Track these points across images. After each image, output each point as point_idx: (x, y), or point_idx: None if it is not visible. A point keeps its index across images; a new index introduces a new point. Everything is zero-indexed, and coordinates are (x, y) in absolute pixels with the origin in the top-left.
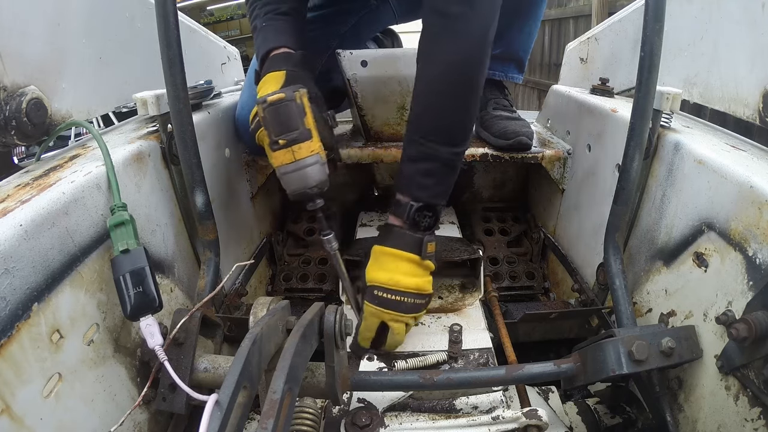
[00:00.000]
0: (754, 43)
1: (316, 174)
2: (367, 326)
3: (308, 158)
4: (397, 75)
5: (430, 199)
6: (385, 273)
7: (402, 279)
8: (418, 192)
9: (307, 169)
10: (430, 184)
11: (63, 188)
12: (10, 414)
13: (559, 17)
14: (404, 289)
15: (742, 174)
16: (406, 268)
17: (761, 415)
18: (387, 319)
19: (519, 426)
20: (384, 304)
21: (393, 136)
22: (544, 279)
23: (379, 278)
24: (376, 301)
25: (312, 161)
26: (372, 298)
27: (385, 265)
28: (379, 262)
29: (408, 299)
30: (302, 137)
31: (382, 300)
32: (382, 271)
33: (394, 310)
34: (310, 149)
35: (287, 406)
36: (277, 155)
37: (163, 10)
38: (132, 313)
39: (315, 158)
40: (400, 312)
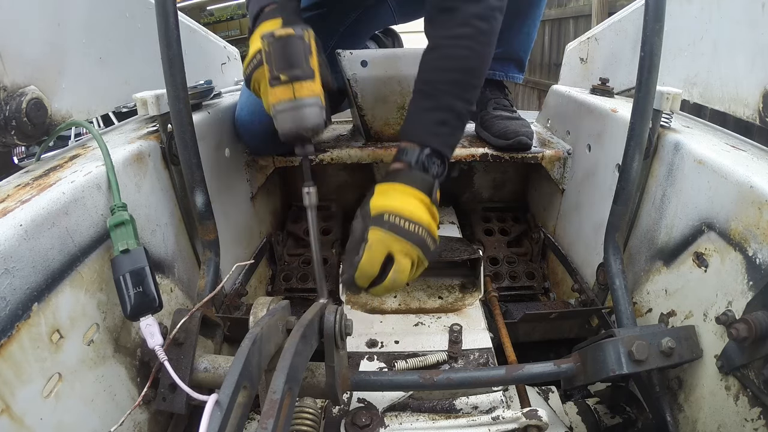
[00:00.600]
0: (754, 43)
1: (313, 116)
2: (371, 258)
3: (308, 98)
4: (397, 75)
5: (442, 147)
6: (396, 200)
7: (416, 210)
8: (430, 138)
9: (306, 109)
10: (444, 133)
11: (63, 188)
12: (10, 414)
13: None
14: (417, 219)
15: (742, 174)
16: (417, 203)
17: (761, 415)
18: (396, 249)
19: (519, 426)
20: (396, 230)
21: (393, 136)
22: (544, 279)
23: (391, 204)
24: (387, 225)
25: (311, 102)
26: (381, 223)
27: (395, 196)
28: (385, 194)
29: (421, 231)
30: (305, 75)
31: (393, 225)
32: (391, 199)
33: (405, 237)
34: (312, 90)
35: (287, 406)
36: (276, 91)
37: (163, 10)
38: (132, 313)
39: (315, 100)
40: (412, 242)
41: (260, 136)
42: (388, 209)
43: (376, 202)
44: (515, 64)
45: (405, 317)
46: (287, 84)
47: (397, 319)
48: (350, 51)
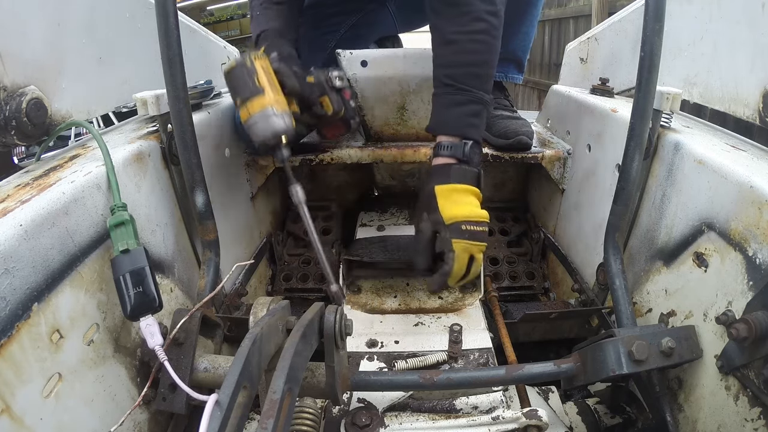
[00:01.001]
0: (754, 43)
1: (269, 126)
2: (461, 266)
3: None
4: (397, 75)
5: (479, 137)
6: (464, 207)
7: (478, 210)
8: (470, 131)
9: (260, 124)
10: (478, 123)
11: (63, 188)
12: (10, 414)
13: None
14: (483, 219)
15: (742, 174)
16: (476, 201)
17: (761, 415)
18: (475, 251)
19: (519, 426)
20: (474, 237)
21: (393, 136)
22: (544, 279)
23: (462, 213)
24: (467, 234)
25: (262, 115)
26: (461, 234)
27: (460, 200)
28: (452, 199)
29: (486, 228)
30: (252, 94)
31: (472, 233)
32: (460, 206)
33: (481, 240)
34: (262, 104)
35: (287, 406)
36: (240, 114)
37: (163, 10)
38: (132, 313)
39: (266, 111)
40: (484, 242)
41: None
42: (462, 218)
43: (449, 212)
44: (515, 65)
45: (405, 317)
46: (243, 106)
47: (397, 319)
48: (350, 51)
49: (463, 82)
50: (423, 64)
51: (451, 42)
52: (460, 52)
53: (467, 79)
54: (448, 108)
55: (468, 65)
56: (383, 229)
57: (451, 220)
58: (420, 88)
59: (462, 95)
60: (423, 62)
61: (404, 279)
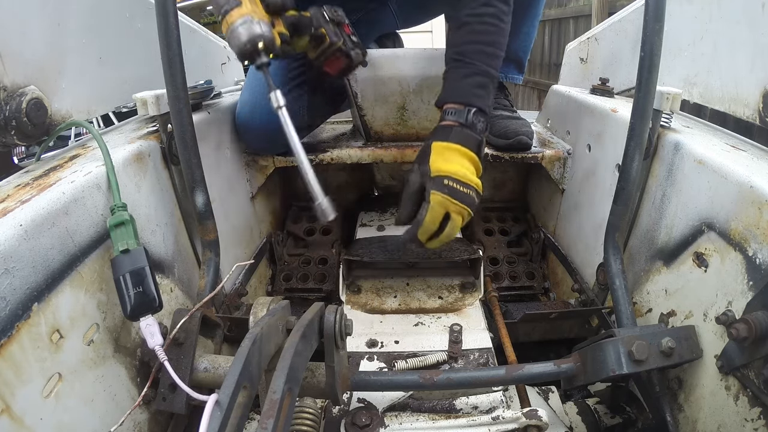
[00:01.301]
0: (754, 43)
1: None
2: (433, 217)
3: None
4: (397, 75)
5: (484, 106)
6: (454, 165)
7: (467, 173)
8: (474, 99)
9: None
10: (484, 94)
11: (63, 188)
12: (10, 414)
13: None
14: (469, 182)
15: (742, 174)
16: (469, 164)
17: (761, 415)
18: (453, 210)
19: (519, 426)
20: (454, 194)
21: (393, 136)
22: (544, 279)
23: (449, 169)
24: (446, 190)
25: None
26: (441, 188)
27: (451, 158)
28: (444, 156)
29: (472, 192)
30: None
31: (452, 190)
32: (450, 163)
33: (461, 201)
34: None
35: (287, 406)
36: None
37: (163, 10)
38: (132, 313)
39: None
40: (465, 204)
41: (261, 134)
42: (446, 173)
43: (436, 165)
44: (515, 65)
45: (405, 317)
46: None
47: (397, 319)
48: None
49: (470, 57)
50: (423, 64)
51: (463, 24)
52: (470, 32)
53: (474, 55)
54: (453, 81)
55: (476, 43)
56: (383, 229)
57: (436, 173)
58: (420, 88)
59: (468, 68)
60: (423, 62)
61: (404, 279)
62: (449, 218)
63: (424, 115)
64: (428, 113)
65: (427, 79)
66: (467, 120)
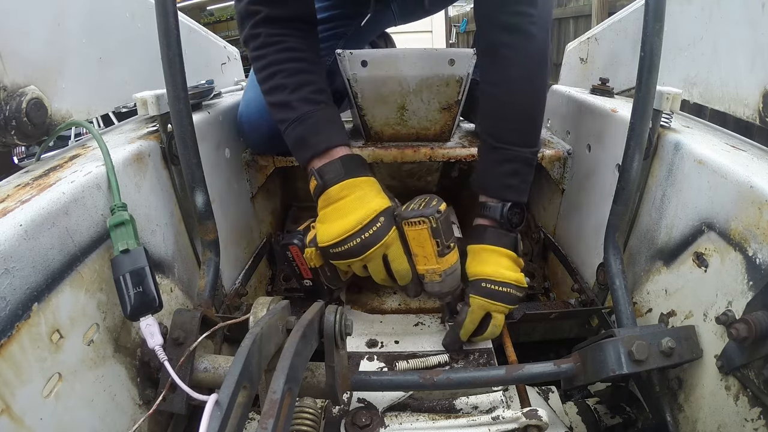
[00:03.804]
0: (754, 43)
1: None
2: (472, 319)
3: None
4: (397, 75)
5: (518, 197)
6: (490, 266)
7: (505, 272)
8: (507, 193)
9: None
10: (517, 184)
11: (63, 188)
12: (10, 414)
13: (559, 17)
14: (508, 280)
15: (742, 174)
16: (507, 263)
17: (761, 415)
18: (493, 310)
19: (519, 426)
20: (492, 296)
21: (393, 136)
22: (544, 279)
23: (485, 271)
24: (484, 292)
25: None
26: (479, 291)
27: (487, 260)
28: (479, 258)
29: (512, 291)
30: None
31: (490, 291)
32: (485, 265)
33: (500, 301)
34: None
35: (287, 406)
36: (449, 258)
37: (163, 10)
38: (132, 313)
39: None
40: (505, 303)
41: (266, 134)
42: (484, 276)
43: (472, 268)
44: None
45: (405, 317)
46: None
47: (397, 319)
48: (350, 51)
49: (502, 141)
50: (423, 64)
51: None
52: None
53: (507, 136)
54: (485, 166)
55: (507, 119)
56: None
57: (473, 277)
58: (420, 88)
59: (500, 154)
60: (423, 62)
61: None
62: (490, 317)
63: (424, 115)
64: (428, 113)
65: (427, 79)
66: (502, 216)
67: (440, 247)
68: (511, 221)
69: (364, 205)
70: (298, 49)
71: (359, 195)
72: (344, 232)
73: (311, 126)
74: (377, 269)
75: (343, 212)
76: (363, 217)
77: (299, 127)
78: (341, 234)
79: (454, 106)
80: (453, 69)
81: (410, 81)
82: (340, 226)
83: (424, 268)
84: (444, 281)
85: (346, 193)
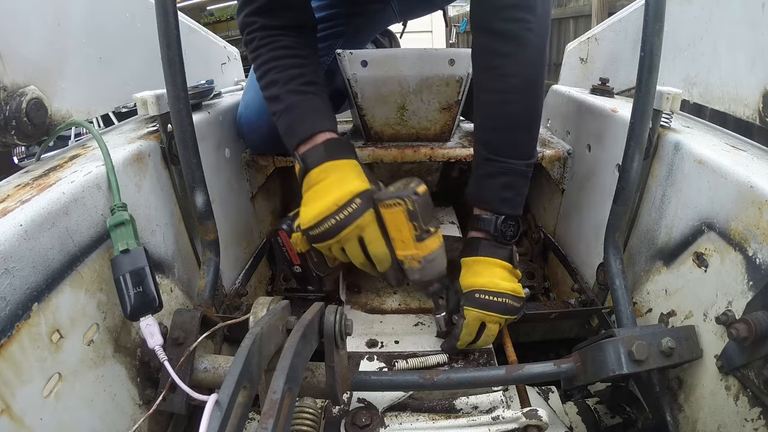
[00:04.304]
0: (754, 43)
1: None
2: (469, 331)
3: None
4: (397, 75)
5: (513, 210)
6: (484, 278)
7: (500, 282)
8: (501, 206)
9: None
10: (511, 196)
11: (63, 188)
12: (10, 414)
13: (559, 17)
14: (503, 290)
15: (742, 174)
16: (502, 273)
17: (761, 415)
18: (488, 320)
19: (519, 426)
20: (486, 306)
21: (393, 136)
22: (544, 279)
23: (478, 282)
24: (478, 303)
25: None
26: (473, 302)
27: (482, 272)
28: (473, 270)
29: (508, 301)
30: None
31: (485, 302)
32: (479, 276)
33: (495, 311)
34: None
35: (287, 406)
36: (428, 243)
37: (163, 10)
38: (132, 313)
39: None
40: (499, 313)
41: (265, 134)
42: (477, 287)
43: (466, 280)
44: None
45: (405, 317)
46: (435, 234)
47: (397, 319)
48: (350, 51)
49: (494, 151)
50: (423, 64)
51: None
52: (491, 115)
53: (499, 147)
54: (479, 178)
55: (501, 131)
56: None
57: (467, 289)
58: (420, 88)
59: (494, 166)
60: (423, 62)
61: None
62: (485, 326)
63: (424, 115)
64: (428, 113)
65: (427, 79)
66: (496, 228)
67: (418, 231)
68: (505, 234)
69: (341, 187)
70: (291, 46)
71: (338, 177)
72: (320, 213)
73: (297, 114)
74: (355, 252)
75: (321, 194)
76: (338, 198)
77: (287, 116)
78: (317, 215)
79: (454, 106)
80: (453, 69)
81: (410, 81)
82: (316, 208)
83: (403, 254)
84: (423, 268)
85: (324, 175)
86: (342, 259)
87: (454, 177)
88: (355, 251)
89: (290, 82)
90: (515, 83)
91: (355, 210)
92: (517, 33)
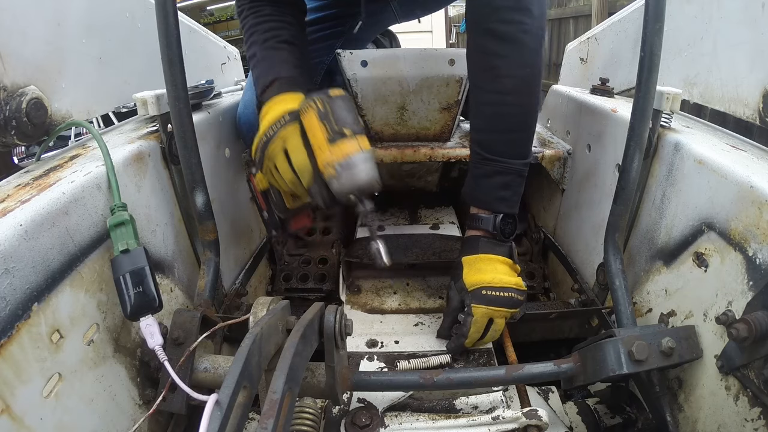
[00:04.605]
0: (754, 43)
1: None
2: (477, 329)
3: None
4: (397, 75)
5: (510, 209)
6: (488, 274)
7: (504, 277)
8: (498, 205)
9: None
10: (508, 196)
11: (63, 188)
12: (10, 414)
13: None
14: (508, 285)
15: (742, 174)
16: (504, 269)
17: (761, 415)
18: (495, 316)
19: (519, 426)
20: (494, 302)
21: (393, 136)
22: (544, 279)
23: (483, 279)
24: (485, 300)
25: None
26: (481, 299)
27: (485, 268)
28: (476, 267)
29: (513, 294)
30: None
31: (491, 298)
32: (483, 273)
33: (502, 306)
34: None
35: (287, 406)
36: (344, 146)
37: (163, 10)
38: (132, 313)
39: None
40: (506, 307)
41: None
42: (482, 284)
43: (470, 278)
44: None
45: (405, 317)
46: (352, 138)
47: (397, 319)
48: (350, 51)
49: (492, 151)
50: (423, 64)
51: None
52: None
53: (496, 147)
54: (476, 179)
55: (497, 132)
56: (383, 229)
57: (473, 287)
58: (420, 88)
59: (491, 166)
60: (423, 62)
61: (404, 279)
62: (492, 322)
63: (424, 115)
64: (428, 113)
65: (427, 79)
66: (494, 227)
67: (330, 133)
68: (503, 232)
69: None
70: (272, 13)
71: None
72: (260, 135)
73: (266, 66)
74: (283, 166)
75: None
76: (273, 119)
77: (257, 69)
78: (258, 138)
79: (453, 106)
80: (453, 69)
81: (410, 81)
82: (258, 133)
83: (322, 162)
84: (340, 176)
85: (271, 105)
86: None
87: (454, 177)
88: (282, 165)
89: (267, 41)
90: (511, 84)
91: (282, 125)
92: (513, 34)
